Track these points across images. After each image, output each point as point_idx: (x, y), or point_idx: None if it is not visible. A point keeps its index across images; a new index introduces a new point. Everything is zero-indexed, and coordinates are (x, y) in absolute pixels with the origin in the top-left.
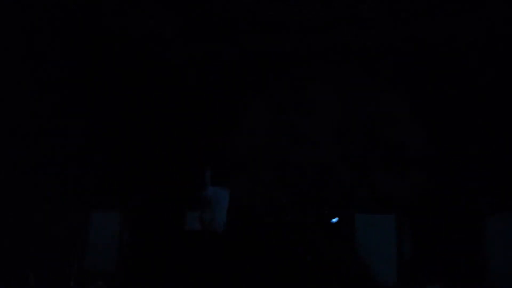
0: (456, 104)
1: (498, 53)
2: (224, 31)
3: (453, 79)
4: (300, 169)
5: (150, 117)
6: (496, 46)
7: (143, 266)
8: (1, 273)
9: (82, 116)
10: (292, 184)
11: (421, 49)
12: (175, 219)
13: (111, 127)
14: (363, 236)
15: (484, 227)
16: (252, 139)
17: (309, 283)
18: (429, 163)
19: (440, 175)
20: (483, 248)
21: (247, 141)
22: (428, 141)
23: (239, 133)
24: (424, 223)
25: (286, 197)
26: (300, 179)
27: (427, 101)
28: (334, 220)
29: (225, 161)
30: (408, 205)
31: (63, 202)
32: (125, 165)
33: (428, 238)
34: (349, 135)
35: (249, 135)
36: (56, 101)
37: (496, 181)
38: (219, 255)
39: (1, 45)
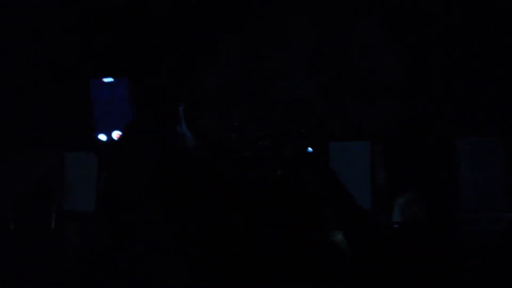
0: (427, 30)
1: None
2: None
3: (425, 6)
4: (274, 101)
5: (119, 55)
6: None
7: (120, 207)
8: None
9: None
10: (266, 117)
11: None
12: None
13: (88, 64)
14: (338, 163)
15: (456, 150)
16: (225, 73)
17: (285, 212)
18: (401, 89)
19: (412, 101)
20: (455, 170)
21: (220, 76)
22: (399, 68)
23: (211, 68)
24: (397, 148)
25: (260, 130)
26: (274, 111)
27: (397, 28)
28: (310, 149)
29: (197, 96)
30: (381, 132)
31: (35, 144)
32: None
33: (401, 162)
34: (322, 65)
35: (222, 70)
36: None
37: (467, 105)
38: (199, 191)
39: None
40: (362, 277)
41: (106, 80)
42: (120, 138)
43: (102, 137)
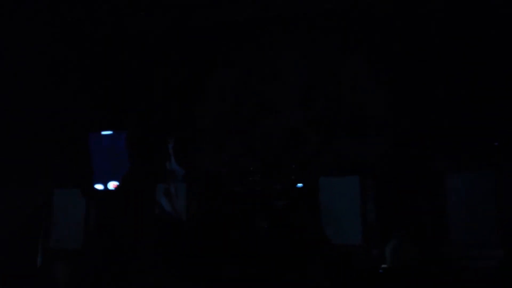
0: (415, 67)
1: (458, 17)
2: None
3: (414, 44)
4: (265, 136)
5: (111, 87)
6: (457, 10)
7: (110, 243)
8: None
9: (42, 89)
10: (258, 152)
11: (384, 14)
12: (144, 194)
13: (74, 98)
14: (328, 198)
15: (445, 185)
16: (216, 107)
17: (275, 249)
18: (390, 125)
19: (402, 136)
20: (444, 205)
21: (211, 109)
22: (390, 104)
23: (202, 102)
24: (388, 184)
25: (252, 164)
26: (265, 146)
27: (387, 64)
28: (300, 185)
29: (190, 130)
30: (372, 167)
31: (25, 180)
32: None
33: (391, 198)
34: (313, 100)
35: (213, 104)
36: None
37: (456, 141)
38: (187, 229)
39: None
40: None
41: (104, 133)
42: (117, 188)
43: (99, 186)
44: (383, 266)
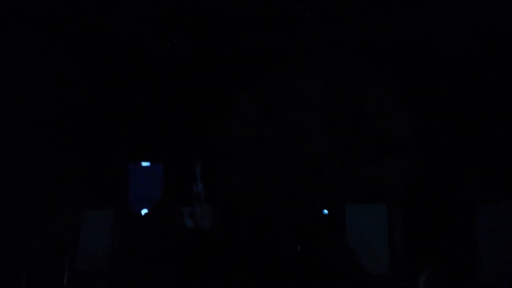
0: (444, 93)
1: (482, 44)
2: (212, 26)
3: (439, 69)
4: (290, 162)
5: (139, 113)
6: (479, 37)
7: (136, 264)
8: None
9: (71, 112)
10: (283, 177)
11: (405, 41)
12: (168, 216)
13: (101, 123)
14: (355, 226)
15: (476, 216)
16: (241, 133)
17: (301, 276)
18: (419, 152)
19: (431, 164)
20: (474, 236)
21: (237, 135)
22: (417, 130)
23: (228, 127)
24: (415, 212)
25: (276, 191)
26: (290, 172)
27: (414, 90)
28: (325, 211)
29: (215, 155)
30: (399, 195)
31: (54, 201)
32: (114, 161)
33: (419, 227)
34: (338, 126)
35: (238, 129)
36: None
37: (487, 170)
38: (211, 252)
39: None
40: None
41: (143, 164)
42: (146, 214)
43: (134, 212)
44: None
